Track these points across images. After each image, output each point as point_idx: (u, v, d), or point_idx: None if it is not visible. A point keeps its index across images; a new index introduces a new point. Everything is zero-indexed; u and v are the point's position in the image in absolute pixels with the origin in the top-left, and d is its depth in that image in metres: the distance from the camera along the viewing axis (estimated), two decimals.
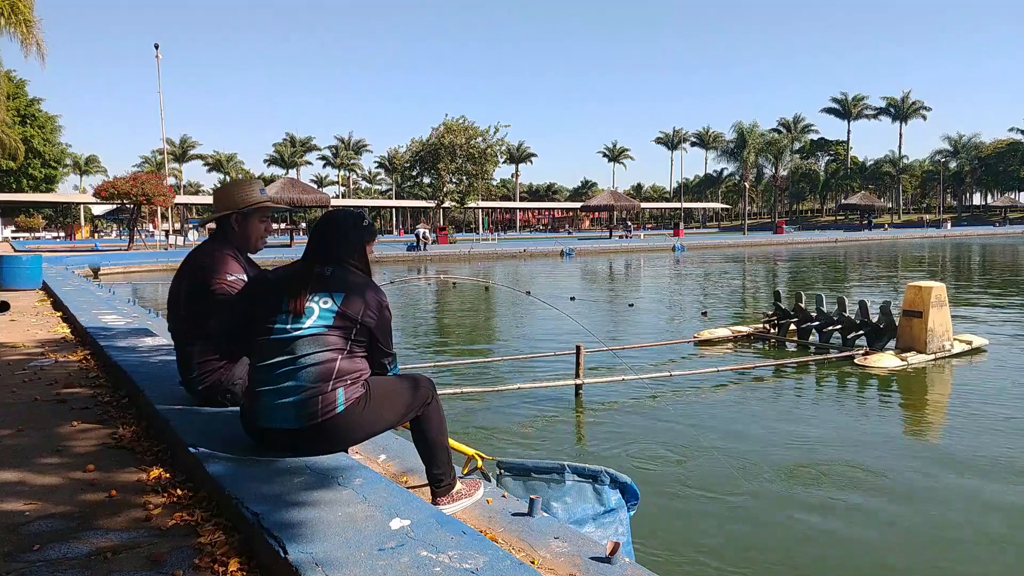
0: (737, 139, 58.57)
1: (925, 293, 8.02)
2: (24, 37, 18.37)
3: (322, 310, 2.46)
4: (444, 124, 42.11)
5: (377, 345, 2.57)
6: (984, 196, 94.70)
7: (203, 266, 3.12)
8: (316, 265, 2.56)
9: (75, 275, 16.37)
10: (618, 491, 3.14)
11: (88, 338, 6.06)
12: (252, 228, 3.29)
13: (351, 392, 2.45)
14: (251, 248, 3.34)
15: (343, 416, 2.43)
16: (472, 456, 3.17)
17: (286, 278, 2.56)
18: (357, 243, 2.63)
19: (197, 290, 3.09)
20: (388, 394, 2.55)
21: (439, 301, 16.07)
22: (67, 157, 69.12)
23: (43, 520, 2.31)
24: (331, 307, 2.46)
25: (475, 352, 9.02)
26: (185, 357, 3.19)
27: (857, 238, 50.32)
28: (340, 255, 2.59)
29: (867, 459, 4.89)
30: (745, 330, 9.85)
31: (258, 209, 3.29)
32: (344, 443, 2.58)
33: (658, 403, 6.45)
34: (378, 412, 2.52)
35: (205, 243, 3.31)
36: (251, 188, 3.32)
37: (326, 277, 2.51)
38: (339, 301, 2.46)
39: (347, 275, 2.54)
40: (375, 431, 2.62)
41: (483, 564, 1.77)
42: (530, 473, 3.21)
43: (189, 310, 3.14)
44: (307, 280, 2.50)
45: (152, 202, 33.34)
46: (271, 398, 2.45)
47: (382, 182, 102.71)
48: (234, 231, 3.25)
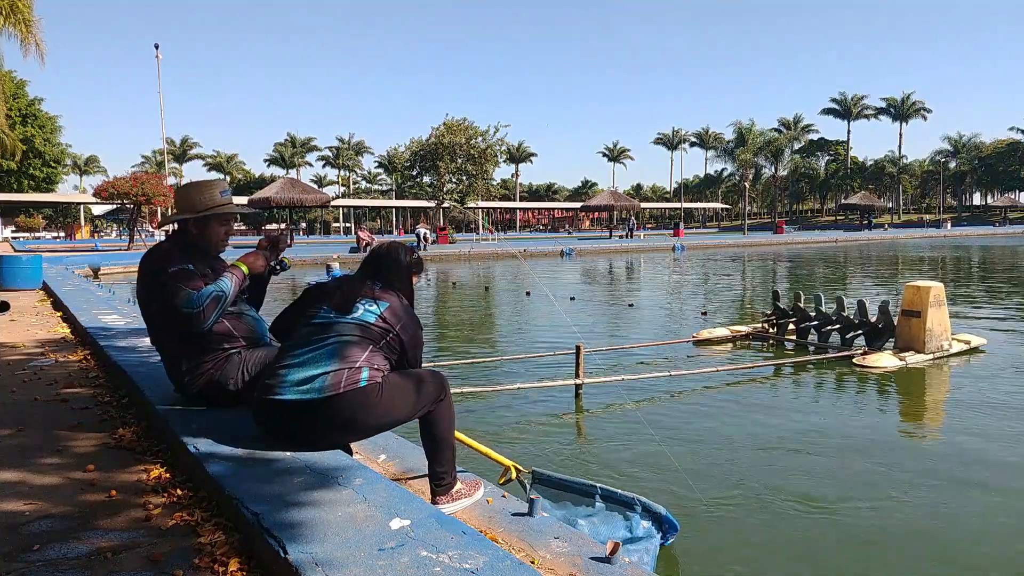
0: (736, 139, 58.53)
1: (924, 293, 8.02)
2: (24, 37, 18.36)
3: (366, 310, 2.75)
4: (444, 124, 42.10)
5: (406, 359, 2.83)
6: (984, 196, 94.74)
7: (153, 271, 3.06)
8: (368, 280, 2.90)
9: (75, 275, 16.36)
10: (650, 520, 3.13)
11: (88, 338, 6.07)
12: (211, 231, 3.23)
13: (374, 375, 2.61)
14: (211, 251, 3.27)
15: (362, 392, 2.53)
16: (509, 467, 3.19)
17: (339, 285, 2.86)
18: (405, 272, 3.00)
19: (159, 291, 3.02)
20: (403, 387, 2.65)
21: (439, 301, 16.07)
22: (67, 157, 69.06)
23: (43, 520, 2.32)
24: (375, 310, 2.76)
25: (475, 352, 9.02)
26: (172, 363, 3.16)
27: (857, 238, 50.30)
28: (389, 278, 2.94)
29: (866, 458, 4.89)
30: (744, 330, 9.85)
31: (216, 214, 3.22)
32: (354, 425, 2.60)
33: (657, 403, 6.45)
34: (393, 402, 2.60)
35: (157, 243, 3.27)
36: (211, 190, 3.25)
37: (375, 290, 2.84)
38: (383, 309, 2.77)
39: (392, 295, 2.86)
40: (387, 421, 2.66)
41: (483, 564, 1.77)
42: (562, 488, 3.27)
43: (161, 313, 3.08)
44: (359, 288, 2.83)
45: (152, 202, 33.29)
46: (298, 371, 2.57)
47: (382, 182, 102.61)
48: (192, 234, 3.20)
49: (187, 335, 3.02)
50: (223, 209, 3.24)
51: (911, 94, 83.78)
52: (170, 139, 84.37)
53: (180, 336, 3.06)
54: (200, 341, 3.05)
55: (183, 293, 2.92)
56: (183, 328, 2.98)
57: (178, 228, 3.25)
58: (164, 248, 3.14)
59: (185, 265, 3.02)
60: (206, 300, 2.92)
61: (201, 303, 2.91)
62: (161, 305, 3.02)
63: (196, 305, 2.90)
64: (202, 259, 3.17)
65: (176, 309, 2.92)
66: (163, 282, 2.97)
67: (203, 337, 3.03)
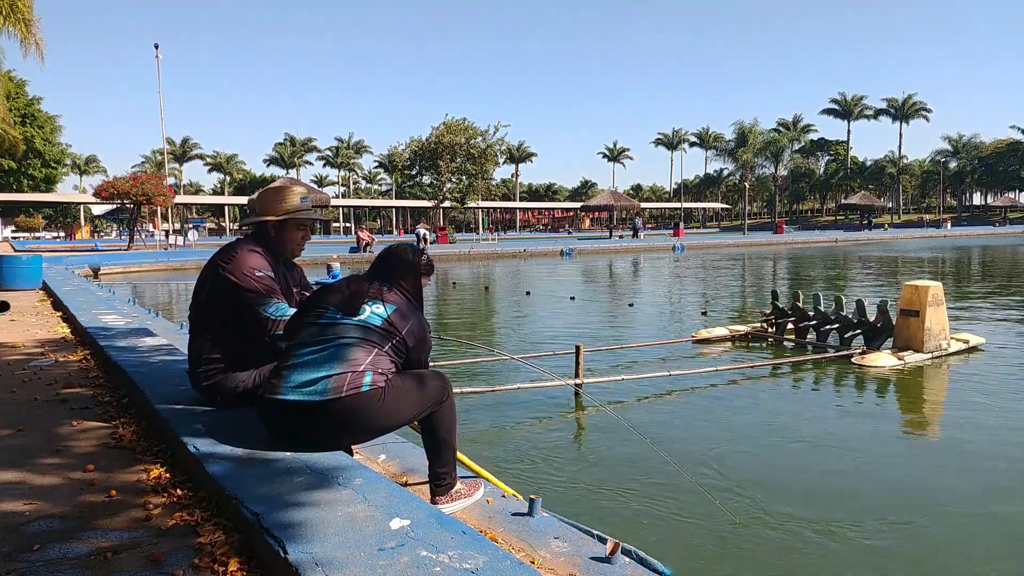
0: (737, 139, 58.53)
1: (922, 292, 8.02)
2: (23, 36, 18.35)
3: (373, 312, 2.71)
4: (444, 124, 42.10)
5: (412, 362, 2.79)
6: (984, 196, 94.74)
7: (228, 259, 3.11)
8: (376, 281, 2.85)
9: (75, 275, 16.37)
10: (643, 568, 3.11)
11: (88, 338, 6.07)
12: (289, 235, 3.31)
13: (377, 379, 2.58)
14: (286, 254, 3.36)
15: (364, 397, 2.52)
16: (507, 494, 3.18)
17: (346, 285, 2.82)
18: (414, 273, 2.95)
19: (218, 282, 3.09)
20: (406, 390, 2.63)
21: (439, 301, 16.07)
22: (67, 157, 69.01)
23: (43, 520, 2.32)
24: (382, 312, 2.72)
25: (475, 352, 9.01)
26: (196, 350, 3.21)
27: (857, 238, 50.31)
28: (397, 279, 2.89)
29: (865, 458, 4.90)
30: (743, 329, 9.86)
31: (295, 219, 3.29)
32: (356, 428, 2.60)
33: (657, 402, 6.46)
34: (396, 405, 2.59)
35: (237, 240, 3.33)
36: (291, 195, 3.31)
37: (383, 291, 2.80)
38: (389, 311, 2.72)
39: (400, 296, 2.82)
40: (390, 424, 2.66)
41: (483, 564, 1.77)
42: None
43: (208, 301, 3.15)
44: (366, 289, 2.78)
45: (152, 202, 33.34)
46: (301, 372, 2.56)
47: (382, 182, 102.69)
48: (271, 236, 3.28)
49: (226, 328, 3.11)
50: (302, 215, 3.29)
51: (912, 95, 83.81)
52: (170, 139, 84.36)
53: (218, 326, 3.12)
54: (235, 338, 3.12)
55: (272, 301, 3.08)
56: (259, 332, 3.08)
57: (256, 230, 3.31)
58: (245, 246, 3.19)
59: (268, 271, 3.14)
60: (284, 316, 3.06)
61: (284, 314, 3.06)
62: (217, 298, 3.10)
63: (280, 315, 3.07)
64: (276, 262, 3.26)
65: (258, 312, 3.05)
66: (248, 283, 3.05)
67: (240, 336, 3.11)
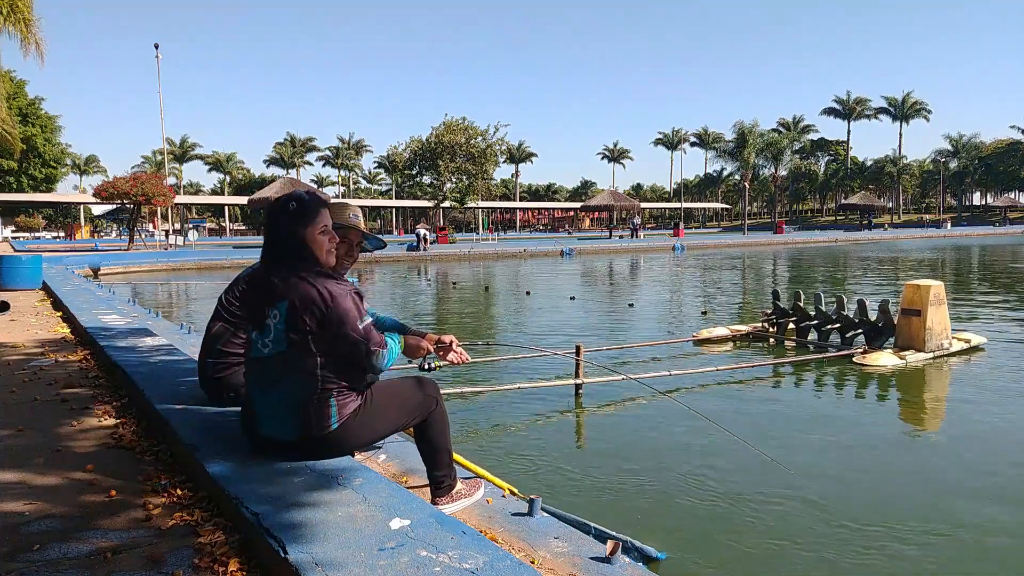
0: (737, 139, 58.52)
1: (924, 291, 8.01)
2: (23, 36, 18.34)
3: (276, 329, 2.30)
4: (444, 123, 42.10)
5: (337, 340, 2.29)
6: (984, 196, 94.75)
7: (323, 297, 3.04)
8: (265, 269, 2.37)
9: (75, 275, 16.37)
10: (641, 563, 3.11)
11: (88, 338, 6.07)
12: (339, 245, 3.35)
13: (345, 405, 2.38)
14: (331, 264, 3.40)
15: (338, 432, 2.41)
16: (507, 492, 3.18)
17: (250, 289, 2.54)
18: (291, 235, 2.31)
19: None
20: (389, 401, 2.52)
21: (439, 301, 16.07)
22: (67, 157, 69.02)
23: (43, 520, 2.32)
24: (279, 323, 2.28)
25: (475, 351, 9.01)
26: (211, 338, 3.23)
27: (857, 238, 50.30)
28: (279, 255, 2.34)
29: (865, 456, 4.89)
30: (744, 329, 9.85)
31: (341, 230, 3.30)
32: (343, 452, 2.57)
33: (657, 402, 6.45)
34: (377, 421, 2.49)
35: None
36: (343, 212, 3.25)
37: (273, 285, 2.30)
38: (284, 314, 2.27)
39: (288, 278, 2.28)
40: (376, 438, 2.62)
41: (483, 564, 1.77)
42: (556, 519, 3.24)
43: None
44: (260, 292, 2.36)
45: (152, 202, 33.34)
46: (265, 411, 2.43)
47: (382, 182, 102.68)
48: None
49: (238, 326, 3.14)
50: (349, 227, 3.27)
51: (911, 93, 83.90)
52: (170, 139, 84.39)
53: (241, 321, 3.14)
54: None
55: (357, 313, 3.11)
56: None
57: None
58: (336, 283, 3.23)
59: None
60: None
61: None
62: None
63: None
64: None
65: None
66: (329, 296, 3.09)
67: None
